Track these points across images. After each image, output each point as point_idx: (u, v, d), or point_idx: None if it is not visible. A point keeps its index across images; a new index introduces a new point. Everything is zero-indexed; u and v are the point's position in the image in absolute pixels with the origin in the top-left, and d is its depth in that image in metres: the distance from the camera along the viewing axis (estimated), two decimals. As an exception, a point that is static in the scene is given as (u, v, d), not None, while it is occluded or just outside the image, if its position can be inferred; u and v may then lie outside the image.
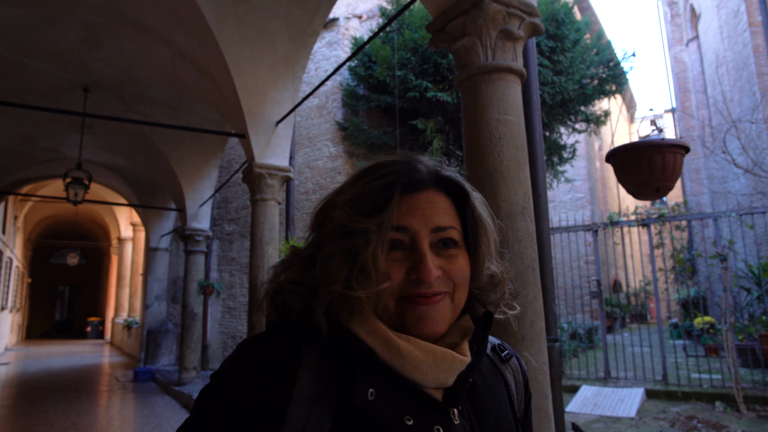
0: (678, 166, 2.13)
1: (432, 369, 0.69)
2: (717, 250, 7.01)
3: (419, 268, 0.70)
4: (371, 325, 0.70)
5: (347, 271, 0.69)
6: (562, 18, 8.13)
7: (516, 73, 2.83)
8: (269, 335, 0.70)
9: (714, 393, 6.85)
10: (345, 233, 0.70)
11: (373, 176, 0.74)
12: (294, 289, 0.73)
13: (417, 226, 0.72)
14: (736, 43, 10.73)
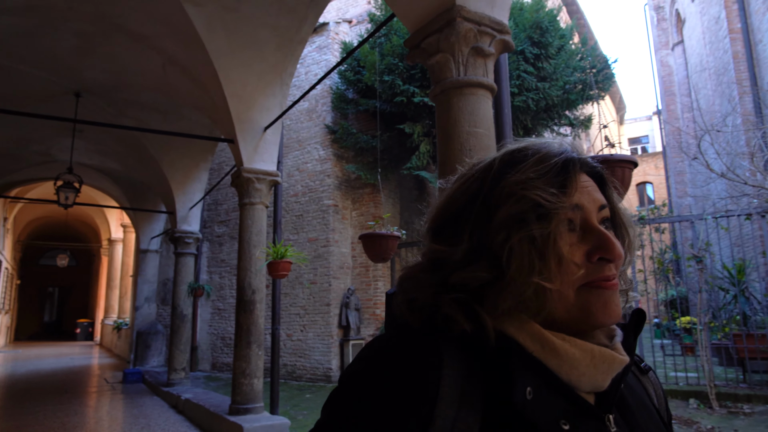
0: (627, 179, 2.31)
1: (590, 370, 0.64)
2: (694, 252, 7.23)
3: (605, 247, 0.64)
4: (521, 321, 0.64)
5: (539, 259, 0.62)
6: (546, 26, 8.32)
7: (487, 88, 2.99)
8: (403, 334, 0.66)
9: (689, 390, 7.06)
10: (525, 218, 0.63)
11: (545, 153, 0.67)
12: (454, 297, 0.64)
13: (588, 204, 0.66)
14: (717, 48, 10.99)
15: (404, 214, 10.74)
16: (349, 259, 10.17)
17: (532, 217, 0.62)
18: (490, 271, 0.63)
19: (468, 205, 0.68)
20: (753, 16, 9.55)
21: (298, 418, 6.99)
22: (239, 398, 5.85)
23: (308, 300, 10.05)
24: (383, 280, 9.90)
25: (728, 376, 7.42)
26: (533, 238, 0.62)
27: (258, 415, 5.85)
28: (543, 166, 0.65)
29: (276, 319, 6.66)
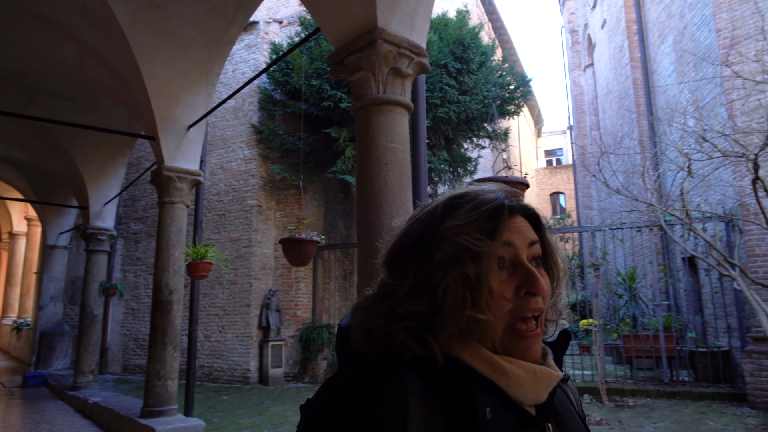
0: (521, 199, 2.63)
1: (533, 386, 0.72)
2: (592, 260, 7.91)
3: (531, 282, 0.71)
4: (473, 348, 0.71)
5: (470, 295, 0.69)
6: (469, 42, 8.77)
7: (404, 106, 3.23)
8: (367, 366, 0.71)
9: (584, 387, 7.72)
10: (463, 259, 0.70)
11: (479, 200, 0.75)
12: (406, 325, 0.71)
13: (518, 242, 0.73)
14: (620, 74, 12.01)
15: (328, 217, 10.88)
16: (272, 260, 10.17)
17: (466, 257, 0.70)
18: (429, 305, 0.71)
19: (414, 244, 0.75)
20: (650, 48, 10.55)
21: (214, 420, 6.94)
22: (152, 401, 5.75)
23: (228, 300, 9.94)
24: (305, 281, 9.98)
25: (618, 373, 8.19)
26: (467, 276, 0.69)
27: (172, 417, 5.77)
28: (475, 212, 0.72)
29: (194, 320, 6.59)
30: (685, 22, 8.85)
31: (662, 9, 9.84)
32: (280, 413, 7.22)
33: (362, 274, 2.90)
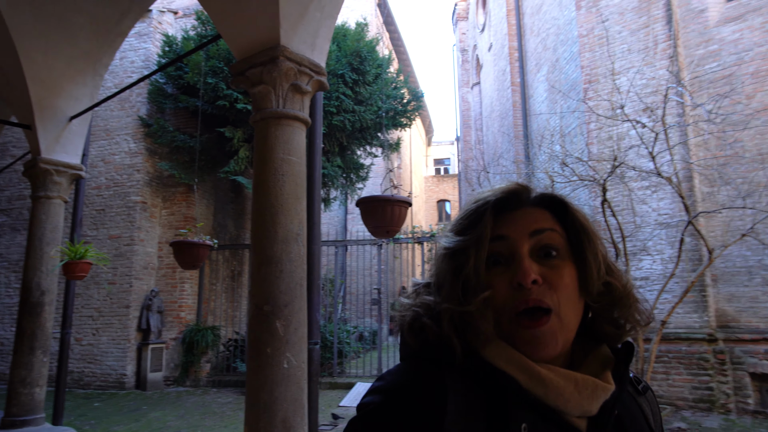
0: (403, 216, 2.94)
1: (574, 396, 0.68)
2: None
3: (518, 273, 0.69)
4: (508, 353, 0.69)
5: (455, 288, 0.70)
6: (366, 55, 9.12)
7: (302, 121, 3.42)
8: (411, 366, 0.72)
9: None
10: (447, 255, 0.73)
11: (469, 203, 0.77)
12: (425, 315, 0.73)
13: (514, 234, 0.72)
14: (502, 96, 13.09)
15: (218, 216, 10.67)
16: (155, 260, 9.77)
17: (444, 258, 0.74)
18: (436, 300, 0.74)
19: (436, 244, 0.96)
20: (529, 75, 11.65)
21: (85, 428, 6.59)
22: (16, 410, 5.35)
23: (104, 301, 9.38)
24: (191, 282, 9.72)
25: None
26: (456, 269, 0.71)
27: (38, 427, 5.41)
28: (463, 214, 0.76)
29: (67, 323, 6.22)
30: (557, 55, 9.92)
31: (539, 41, 10.93)
32: (159, 419, 7.01)
33: (256, 279, 3.04)
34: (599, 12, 8.28)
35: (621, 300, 0.74)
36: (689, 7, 7.56)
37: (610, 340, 0.77)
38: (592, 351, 0.76)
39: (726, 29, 7.17)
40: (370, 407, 0.68)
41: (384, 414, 0.67)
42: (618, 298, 0.74)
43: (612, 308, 0.75)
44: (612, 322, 0.76)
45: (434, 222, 31.09)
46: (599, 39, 8.17)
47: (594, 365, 0.74)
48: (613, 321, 0.76)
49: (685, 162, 6.75)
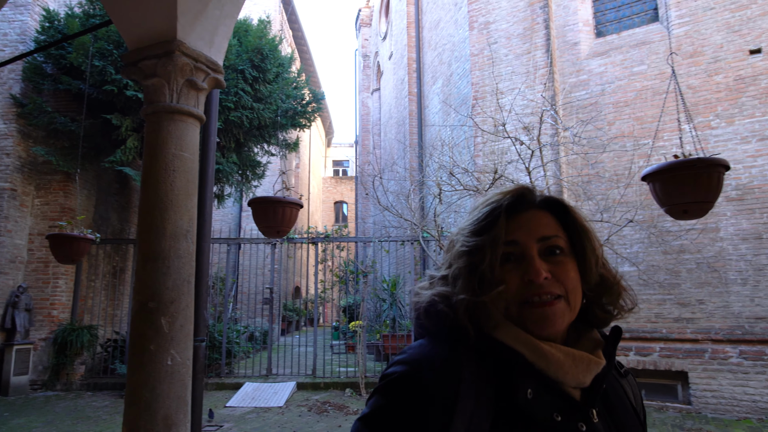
0: (294, 217, 3.07)
1: (572, 369, 0.79)
2: (362, 268, 8.85)
3: (529, 270, 0.80)
4: (515, 332, 0.80)
5: (472, 282, 0.81)
6: (267, 53, 9.07)
7: (196, 117, 3.41)
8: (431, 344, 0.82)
9: (347, 382, 8.58)
10: (465, 253, 0.83)
11: (484, 204, 0.88)
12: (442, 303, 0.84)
13: (524, 239, 0.83)
14: (400, 104, 13.57)
15: (99, 208, 10.02)
16: (24, 253, 8.96)
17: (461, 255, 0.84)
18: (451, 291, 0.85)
19: (451, 243, 0.90)
20: (425, 86, 12.22)
21: (-69, 437, 5.92)
22: None
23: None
24: (66, 277, 9.03)
25: (377, 369, 9.28)
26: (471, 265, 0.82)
27: None
28: (475, 215, 0.87)
29: None
30: (451, 70, 10.52)
31: (436, 55, 11.51)
32: (23, 425, 6.47)
33: (141, 275, 2.99)
34: (489, 34, 8.94)
35: (612, 288, 0.87)
36: (565, 39, 8.42)
37: (600, 324, 0.89)
38: (585, 333, 0.88)
39: (594, 62, 8.08)
40: (394, 375, 0.78)
41: (407, 381, 0.76)
42: (609, 287, 0.87)
43: (603, 296, 0.88)
44: (602, 308, 0.88)
45: (331, 223, 31.23)
46: (488, 59, 8.82)
47: (587, 345, 0.85)
48: (603, 307, 0.88)
49: (556, 178, 7.50)
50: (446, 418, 0.72)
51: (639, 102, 7.57)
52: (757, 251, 6.53)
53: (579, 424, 0.78)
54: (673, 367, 6.87)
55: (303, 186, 26.02)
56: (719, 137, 7.00)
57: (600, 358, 0.83)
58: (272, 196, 3.11)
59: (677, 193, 2.81)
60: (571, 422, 0.77)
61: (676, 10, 7.56)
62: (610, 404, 0.85)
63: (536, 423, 0.75)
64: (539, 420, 0.75)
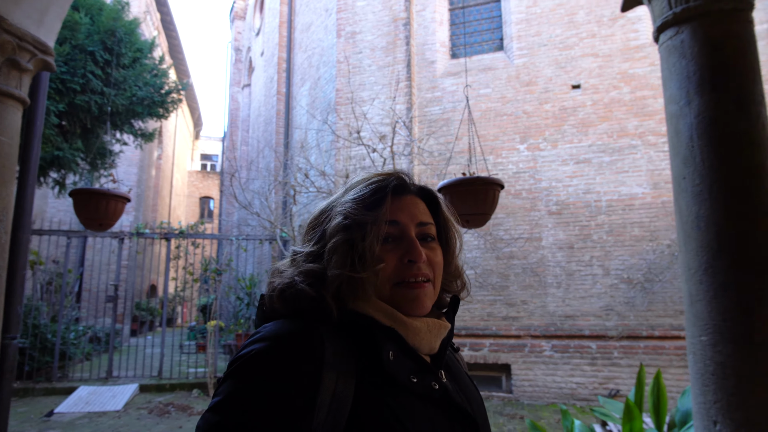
0: (119, 210, 3.02)
1: (427, 336, 0.86)
2: (217, 266, 8.68)
3: (411, 251, 0.85)
4: (376, 304, 0.84)
5: (350, 258, 0.82)
6: (122, 36, 8.53)
7: (18, 99, 3.19)
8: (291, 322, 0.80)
9: (195, 383, 8.35)
10: (347, 227, 0.84)
11: (368, 182, 0.89)
12: (305, 281, 0.84)
13: (406, 220, 0.88)
14: (268, 102, 13.48)
15: None
16: None
17: (351, 226, 0.84)
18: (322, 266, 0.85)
19: (322, 219, 0.90)
20: (294, 87, 12.27)
21: None
22: None
23: None
24: None
25: (228, 369, 9.15)
26: (349, 240, 0.83)
27: None
28: (362, 191, 0.88)
29: None
30: (319, 74, 10.71)
31: (306, 57, 11.63)
32: None
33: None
34: (355, 44, 9.29)
35: (459, 278, 0.98)
36: (423, 57, 9.03)
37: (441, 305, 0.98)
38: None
39: (447, 81, 8.77)
40: (251, 353, 0.75)
41: (268, 357, 0.74)
42: (457, 276, 0.98)
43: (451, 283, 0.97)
44: (447, 292, 0.98)
45: (195, 218, 29.80)
46: (353, 68, 9.15)
47: (432, 314, 0.91)
48: (448, 292, 0.98)
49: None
50: (312, 392, 0.73)
51: (483, 121, 8.37)
52: (569, 259, 7.56)
53: (432, 383, 0.83)
54: (499, 360, 7.69)
55: (165, 179, 24.55)
56: (546, 158, 7.99)
57: (446, 322, 0.92)
58: (96, 188, 3.02)
59: (462, 205, 3.28)
60: (425, 382, 0.83)
61: (517, 43, 8.49)
62: (451, 370, 0.94)
63: (397, 386, 0.79)
64: (400, 383, 0.80)
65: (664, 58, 2.28)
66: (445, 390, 0.85)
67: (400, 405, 0.78)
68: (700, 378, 2.01)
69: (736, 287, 1.94)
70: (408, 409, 0.78)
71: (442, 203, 0.96)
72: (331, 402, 0.74)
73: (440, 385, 0.85)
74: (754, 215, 1.97)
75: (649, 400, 3.18)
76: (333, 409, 0.73)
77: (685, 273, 2.11)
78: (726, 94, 2.05)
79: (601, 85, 7.88)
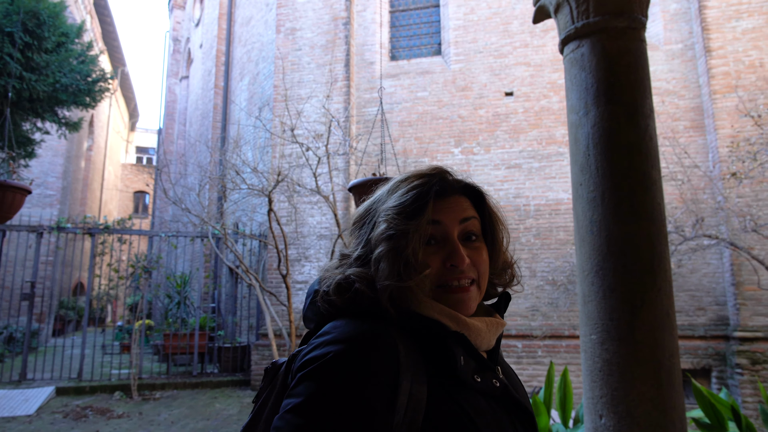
0: (18, 203, 2.86)
1: (487, 335, 0.87)
2: (145, 263, 8.36)
3: (453, 256, 0.84)
4: (438, 306, 0.83)
5: (396, 266, 0.81)
6: (45, 18, 8.07)
7: None
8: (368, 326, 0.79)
9: (118, 384, 8.01)
10: (390, 237, 0.82)
11: (409, 186, 0.87)
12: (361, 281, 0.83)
13: (448, 220, 0.86)
14: (206, 96, 13.12)
15: None
16: None
17: (391, 236, 0.82)
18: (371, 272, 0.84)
19: (366, 222, 0.89)
20: (233, 81, 12.01)
21: None
22: None
23: None
24: None
25: (156, 370, 8.83)
26: (394, 249, 0.82)
27: None
28: (404, 196, 0.85)
29: None
30: (258, 69, 10.53)
31: (245, 52, 11.40)
32: None
33: None
34: (295, 41, 9.19)
35: (507, 270, 0.97)
36: (363, 57, 9.06)
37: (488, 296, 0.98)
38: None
39: (386, 82, 8.83)
40: (328, 356, 0.74)
41: (346, 360, 0.74)
42: (507, 269, 0.97)
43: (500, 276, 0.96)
44: (494, 285, 0.97)
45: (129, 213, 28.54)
46: (292, 65, 9.06)
47: (481, 312, 0.92)
48: (495, 284, 0.97)
49: (342, 185, 8.01)
50: (392, 395, 0.73)
51: (420, 124, 8.49)
52: (499, 260, 7.78)
53: (493, 380, 0.85)
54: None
55: (96, 171, 23.40)
56: (479, 162, 8.20)
57: (501, 320, 0.93)
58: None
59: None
60: (487, 381, 0.84)
61: (454, 49, 8.66)
62: (502, 365, 0.95)
63: (463, 385, 0.80)
64: (466, 383, 0.81)
65: (567, 69, 2.39)
66: (505, 387, 0.87)
67: (468, 403, 0.79)
68: (589, 374, 2.12)
69: (622, 288, 2.06)
70: (475, 406, 0.79)
71: (487, 199, 0.95)
72: (408, 403, 0.74)
73: (500, 381, 0.86)
74: (640, 220, 2.10)
75: (556, 396, 3.33)
76: (410, 409, 0.74)
77: (579, 275, 2.22)
78: (619, 107, 2.18)
79: (533, 94, 8.17)
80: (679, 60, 7.79)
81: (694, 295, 7.25)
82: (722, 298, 7.14)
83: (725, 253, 7.01)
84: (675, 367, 2.04)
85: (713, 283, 7.22)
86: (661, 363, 2.00)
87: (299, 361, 0.78)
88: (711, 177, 7.17)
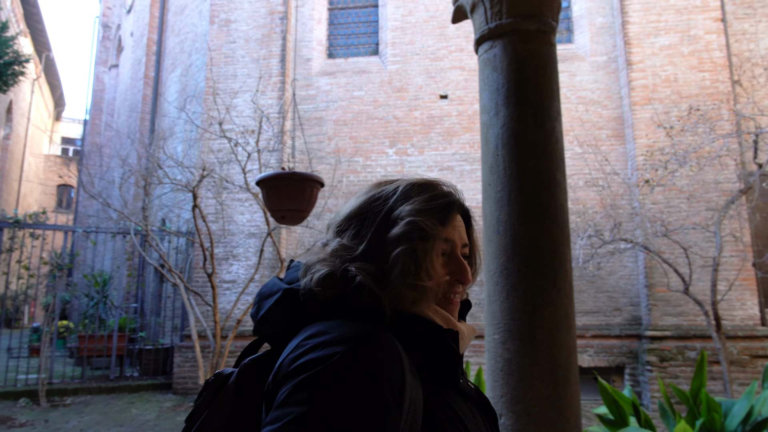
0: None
1: (467, 340, 0.92)
2: (58, 260, 7.83)
3: (462, 274, 0.89)
4: (433, 307, 0.86)
5: (424, 265, 0.82)
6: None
7: None
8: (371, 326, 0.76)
9: (24, 390, 7.44)
10: (423, 237, 0.83)
11: (435, 194, 0.89)
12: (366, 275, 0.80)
13: (457, 240, 0.90)
14: (135, 86, 12.52)
15: None
16: None
17: (416, 237, 0.83)
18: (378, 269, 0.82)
19: (371, 217, 0.86)
20: (164, 72, 11.51)
21: None
22: None
23: None
24: None
25: (69, 374, 8.29)
26: (414, 250, 0.82)
27: None
28: (432, 202, 0.87)
29: None
30: (191, 61, 10.15)
31: (178, 42, 10.96)
32: None
33: None
34: (229, 33, 8.91)
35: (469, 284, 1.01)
36: (300, 54, 8.91)
37: None
38: None
39: (323, 80, 8.73)
40: (334, 358, 0.69)
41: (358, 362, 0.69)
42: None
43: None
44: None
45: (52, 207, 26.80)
46: (226, 57, 8.77)
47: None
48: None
49: (275, 182, 7.82)
50: (401, 398, 0.71)
51: (355, 123, 8.44)
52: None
53: (468, 383, 0.91)
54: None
55: (14, 162, 21.88)
56: (413, 163, 8.24)
57: (474, 327, 0.98)
58: None
59: (279, 200, 3.26)
60: (465, 381, 0.90)
61: (391, 49, 8.68)
62: None
63: (450, 388, 0.84)
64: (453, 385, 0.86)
65: (480, 69, 2.40)
66: (477, 389, 0.94)
67: (456, 404, 0.82)
68: (491, 374, 2.12)
69: (525, 288, 2.07)
70: (461, 408, 0.83)
71: (473, 223, 0.99)
72: (409, 405, 0.72)
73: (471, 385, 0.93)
74: (543, 221, 2.12)
75: (471, 395, 3.35)
76: (411, 411, 0.72)
77: (486, 275, 2.22)
78: (527, 108, 2.20)
79: (466, 98, 8.30)
80: (604, 71, 8.15)
81: (611, 296, 7.58)
82: (636, 299, 7.52)
83: (640, 256, 7.38)
84: (572, 366, 2.08)
85: (629, 285, 7.58)
86: (559, 362, 2.03)
87: (290, 366, 0.71)
88: (629, 184, 7.52)
